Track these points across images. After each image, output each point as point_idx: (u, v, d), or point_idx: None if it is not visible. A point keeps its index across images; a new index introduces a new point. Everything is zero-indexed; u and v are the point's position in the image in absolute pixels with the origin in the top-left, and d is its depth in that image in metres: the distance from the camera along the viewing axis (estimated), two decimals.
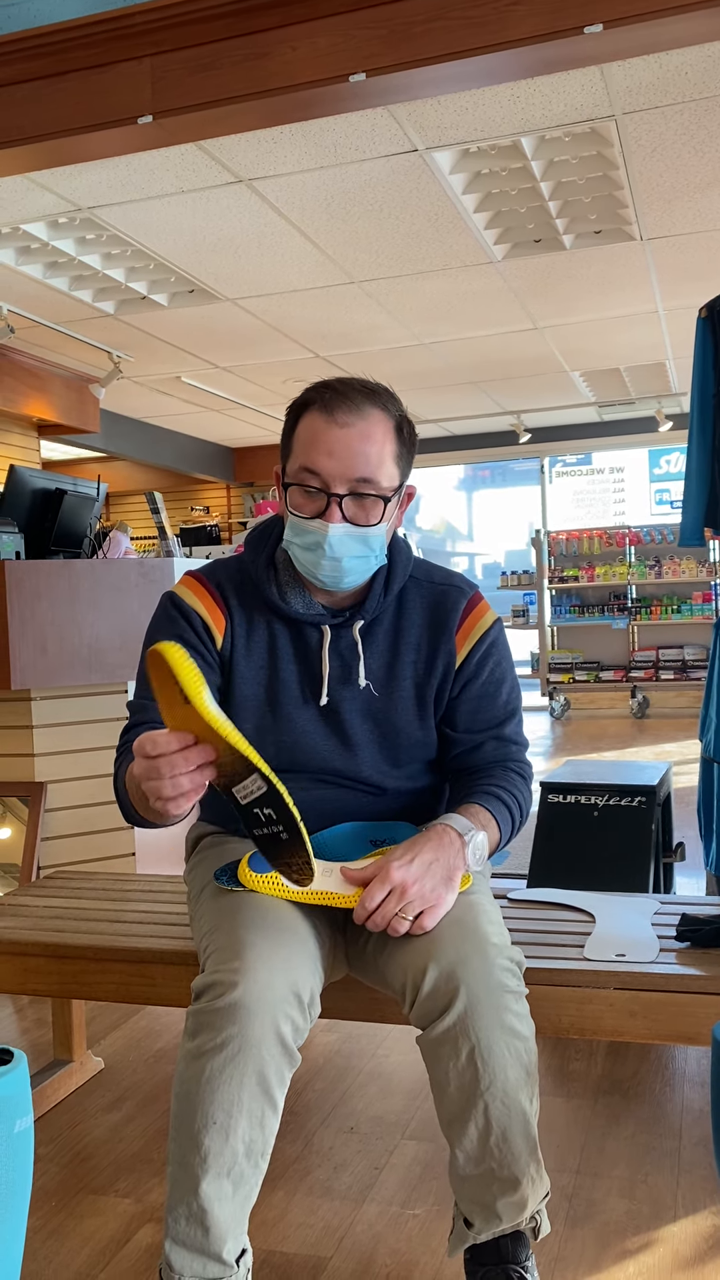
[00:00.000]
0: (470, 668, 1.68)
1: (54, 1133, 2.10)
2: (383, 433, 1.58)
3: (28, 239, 4.79)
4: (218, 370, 7.34)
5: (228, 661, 1.66)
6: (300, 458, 1.57)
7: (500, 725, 1.70)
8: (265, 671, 1.66)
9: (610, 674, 9.33)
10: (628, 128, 3.82)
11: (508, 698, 1.72)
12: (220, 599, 1.67)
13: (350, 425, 1.55)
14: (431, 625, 1.68)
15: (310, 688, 1.66)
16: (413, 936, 1.46)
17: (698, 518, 2.85)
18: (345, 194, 4.31)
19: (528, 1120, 1.41)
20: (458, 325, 6.42)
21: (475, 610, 1.70)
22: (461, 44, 2.52)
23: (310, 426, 1.57)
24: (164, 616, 1.68)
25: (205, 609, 1.66)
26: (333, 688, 1.65)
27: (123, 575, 3.21)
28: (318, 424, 1.56)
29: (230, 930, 1.43)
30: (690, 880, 3.68)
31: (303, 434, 1.58)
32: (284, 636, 1.67)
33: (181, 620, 1.66)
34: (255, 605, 1.67)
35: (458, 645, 1.68)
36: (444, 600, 1.70)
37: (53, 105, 2.88)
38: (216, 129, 2.88)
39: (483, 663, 1.69)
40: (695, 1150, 1.95)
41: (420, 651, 1.68)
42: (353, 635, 1.66)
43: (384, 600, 1.67)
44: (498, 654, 1.71)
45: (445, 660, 1.68)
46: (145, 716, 1.63)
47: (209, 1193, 1.35)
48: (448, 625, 1.68)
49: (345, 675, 1.66)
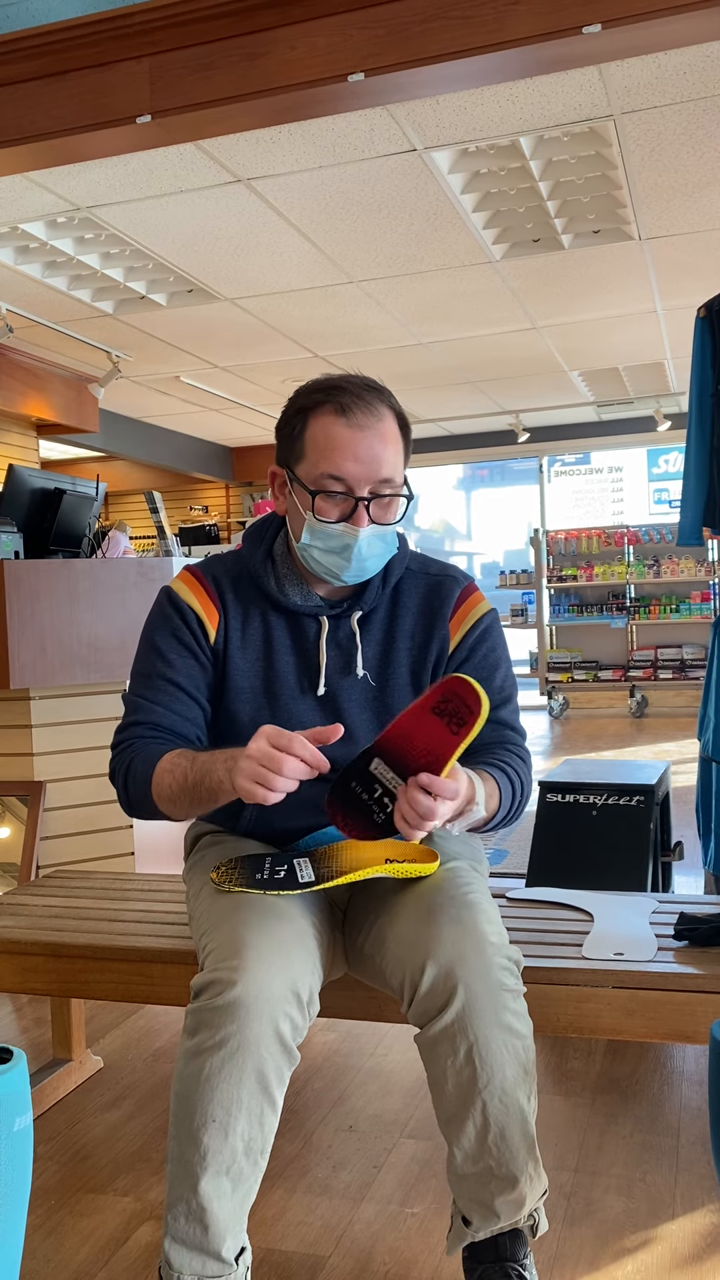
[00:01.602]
0: (463, 652, 1.70)
1: (53, 1131, 2.10)
2: (394, 431, 1.61)
3: (26, 238, 4.79)
4: (216, 370, 7.34)
5: (221, 655, 1.68)
6: (322, 464, 1.57)
7: (496, 709, 1.70)
8: (261, 663, 1.68)
9: (609, 673, 9.33)
10: (626, 127, 3.82)
11: (502, 683, 1.73)
12: (215, 593, 1.69)
13: (369, 428, 1.57)
14: (426, 613, 1.71)
15: (308, 678, 1.68)
16: (411, 934, 1.46)
17: (696, 517, 2.85)
18: (344, 194, 4.32)
19: (525, 1118, 1.41)
20: (456, 325, 6.43)
21: (469, 599, 1.72)
22: (460, 44, 2.52)
23: (326, 431, 1.57)
24: (159, 613, 1.71)
25: (199, 604, 1.68)
26: (331, 678, 1.67)
27: (122, 575, 3.22)
28: (336, 428, 1.56)
29: (229, 929, 1.43)
30: (688, 879, 3.68)
31: (319, 438, 1.58)
32: (280, 628, 1.69)
33: (176, 617, 1.68)
34: (252, 598, 1.70)
35: (451, 631, 1.70)
36: (439, 589, 1.72)
37: (52, 105, 2.88)
38: (215, 128, 2.88)
39: (476, 647, 1.71)
40: (693, 1149, 1.95)
41: (415, 639, 1.69)
42: (350, 626, 1.68)
43: (381, 592, 1.70)
44: (492, 640, 1.73)
45: (439, 645, 1.70)
46: (148, 716, 1.64)
47: (208, 1191, 1.35)
48: (442, 612, 1.70)
49: (344, 665, 1.68)
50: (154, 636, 1.69)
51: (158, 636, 1.69)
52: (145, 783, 1.56)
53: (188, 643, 1.66)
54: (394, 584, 1.71)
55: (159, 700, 1.65)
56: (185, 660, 1.66)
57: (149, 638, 1.70)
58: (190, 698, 1.66)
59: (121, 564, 3.25)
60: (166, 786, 1.53)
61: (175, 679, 1.65)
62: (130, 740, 1.63)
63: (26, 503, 3.57)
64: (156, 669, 1.66)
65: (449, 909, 1.46)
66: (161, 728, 1.63)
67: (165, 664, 1.66)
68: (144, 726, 1.64)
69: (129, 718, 1.67)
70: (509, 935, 1.52)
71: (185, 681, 1.66)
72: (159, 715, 1.64)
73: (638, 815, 2.73)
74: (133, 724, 1.65)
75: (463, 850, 1.70)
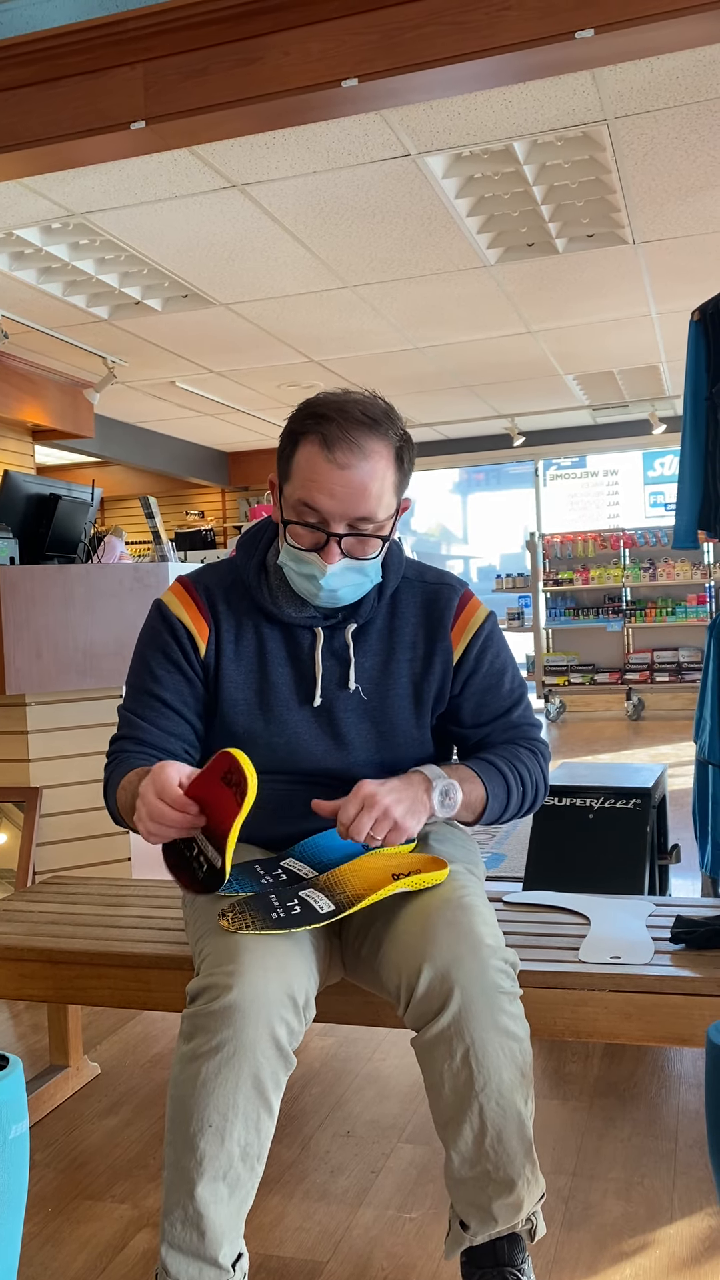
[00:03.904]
0: (469, 663, 1.71)
1: (50, 1138, 2.10)
2: (383, 469, 1.56)
3: (21, 244, 4.79)
4: (212, 375, 7.34)
5: (213, 668, 1.69)
6: (299, 491, 1.57)
7: (507, 713, 1.74)
8: (255, 675, 1.68)
9: (605, 676, 9.34)
10: (619, 131, 3.83)
11: (511, 686, 1.74)
12: (206, 606, 1.70)
13: (351, 467, 1.53)
14: (426, 623, 1.71)
15: (303, 690, 1.67)
16: (407, 938, 1.46)
17: (691, 520, 2.86)
18: (338, 199, 4.32)
19: (523, 1121, 1.41)
20: (451, 329, 6.43)
21: (468, 607, 1.73)
22: (453, 49, 2.53)
23: (309, 461, 1.55)
24: (150, 628, 1.73)
25: (189, 618, 1.69)
26: (327, 689, 1.67)
27: (117, 580, 3.21)
28: (317, 461, 1.54)
29: (224, 934, 1.43)
30: (685, 882, 3.68)
31: (302, 465, 1.57)
32: (275, 640, 1.69)
33: (165, 633, 1.70)
34: (245, 609, 1.70)
35: (454, 642, 1.70)
36: (436, 599, 1.72)
37: (46, 111, 2.88)
38: (209, 134, 2.89)
39: (481, 656, 1.72)
40: (691, 1152, 1.95)
41: (416, 650, 1.70)
42: (345, 637, 1.68)
43: (378, 604, 1.70)
44: (495, 645, 1.74)
45: (443, 658, 1.69)
46: (134, 731, 1.68)
47: (204, 1196, 1.35)
48: (443, 622, 1.71)
49: (340, 677, 1.68)
50: (145, 651, 1.72)
51: (148, 652, 1.72)
52: (114, 798, 1.63)
53: (176, 659, 1.68)
54: (391, 594, 1.71)
55: (145, 716, 1.68)
56: (173, 676, 1.68)
57: (140, 652, 1.73)
58: (177, 714, 1.68)
59: (117, 569, 3.25)
60: (125, 804, 1.59)
61: (162, 695, 1.68)
62: (115, 754, 1.68)
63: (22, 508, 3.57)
64: (145, 685, 1.69)
65: (445, 912, 1.46)
66: (146, 744, 1.66)
67: (153, 680, 1.69)
68: (130, 742, 1.67)
69: (119, 732, 1.71)
70: (505, 939, 1.52)
71: (172, 698, 1.68)
72: (143, 731, 1.67)
73: (634, 818, 2.73)
74: (121, 738, 1.69)
75: (459, 854, 1.70)
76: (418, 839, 1.70)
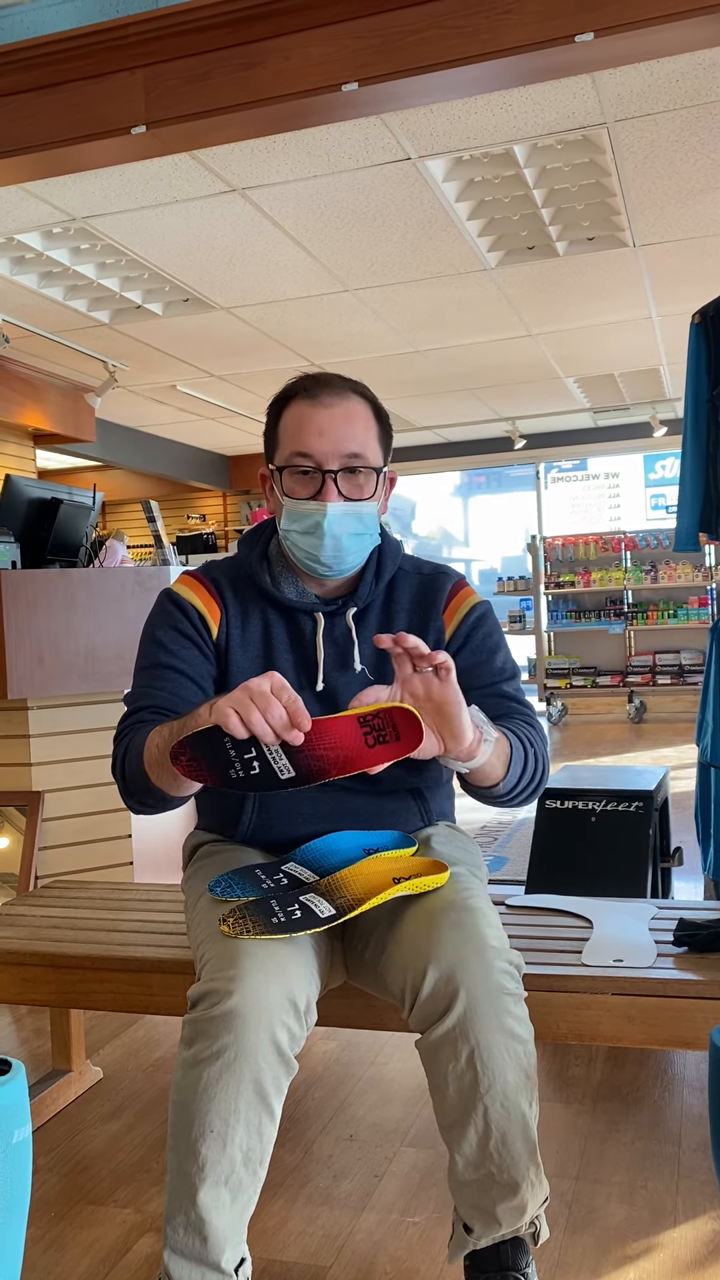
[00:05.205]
0: (459, 639, 1.72)
1: (53, 1143, 2.10)
2: (364, 412, 1.66)
3: (22, 249, 4.79)
4: (213, 379, 7.35)
5: (223, 652, 1.69)
6: (290, 444, 1.62)
7: (497, 683, 1.70)
8: (261, 660, 1.70)
9: (607, 679, 9.33)
10: (620, 135, 3.84)
11: (503, 664, 1.74)
12: (215, 592, 1.72)
13: (335, 406, 1.62)
14: (420, 607, 1.73)
15: (306, 674, 1.69)
16: (412, 940, 1.46)
17: (693, 522, 2.86)
18: (339, 203, 4.33)
19: (527, 1124, 1.41)
20: (452, 332, 6.44)
21: (461, 592, 1.76)
22: (454, 53, 2.53)
23: (296, 414, 1.64)
24: (160, 611, 1.72)
25: (201, 602, 1.70)
26: (329, 674, 1.69)
27: (119, 584, 3.22)
28: (303, 410, 1.63)
29: (225, 939, 1.43)
30: (688, 885, 3.68)
31: (289, 423, 1.64)
32: (279, 626, 1.71)
33: (178, 613, 1.69)
34: (250, 597, 1.72)
35: (446, 622, 1.73)
36: (431, 585, 1.75)
37: (47, 116, 2.88)
38: (210, 139, 2.89)
39: (471, 633, 1.73)
40: (694, 1155, 1.95)
41: (410, 630, 1.70)
42: (346, 622, 1.70)
43: (375, 588, 1.72)
44: (487, 626, 1.75)
45: (435, 637, 1.72)
46: (150, 701, 1.62)
47: (207, 1201, 1.34)
48: (436, 605, 1.73)
49: (341, 661, 1.70)
50: (155, 632, 1.69)
51: (158, 631, 1.69)
52: (139, 753, 1.53)
53: (189, 634, 1.67)
54: (387, 581, 1.74)
55: (161, 686, 1.63)
56: (188, 650, 1.66)
57: (149, 634, 1.70)
58: (193, 682, 1.65)
59: (119, 573, 3.25)
60: (154, 746, 1.50)
61: (177, 665, 1.65)
62: (130, 726, 1.61)
63: (24, 512, 3.57)
64: (158, 659, 1.66)
65: (449, 914, 1.46)
66: (164, 709, 1.60)
67: (167, 653, 1.66)
68: (146, 711, 1.61)
69: (130, 706, 1.64)
70: (508, 942, 1.52)
71: (187, 668, 1.65)
72: (161, 699, 1.62)
73: (637, 821, 2.73)
74: (134, 710, 1.63)
75: (462, 856, 1.70)
76: (418, 842, 1.70)
